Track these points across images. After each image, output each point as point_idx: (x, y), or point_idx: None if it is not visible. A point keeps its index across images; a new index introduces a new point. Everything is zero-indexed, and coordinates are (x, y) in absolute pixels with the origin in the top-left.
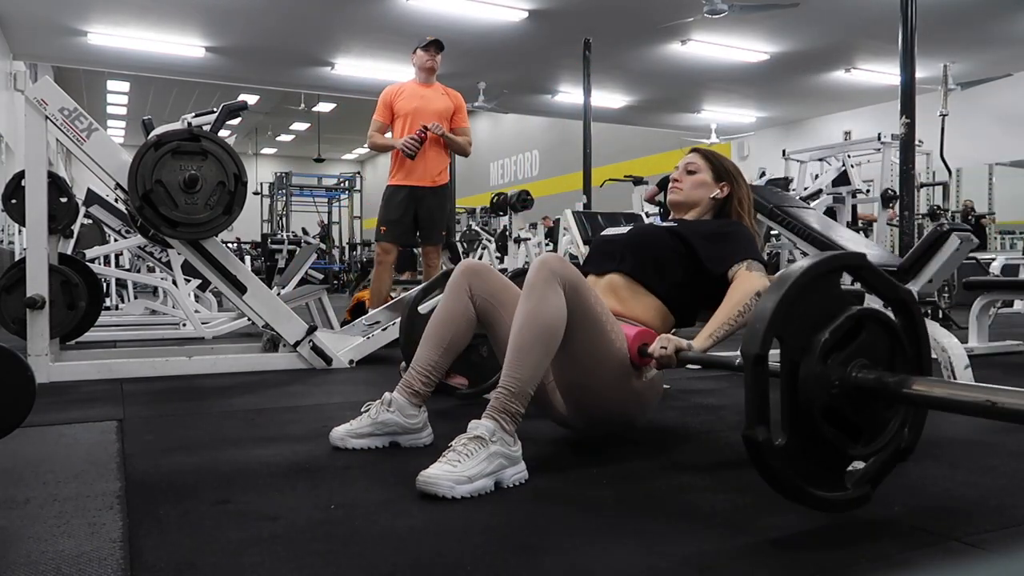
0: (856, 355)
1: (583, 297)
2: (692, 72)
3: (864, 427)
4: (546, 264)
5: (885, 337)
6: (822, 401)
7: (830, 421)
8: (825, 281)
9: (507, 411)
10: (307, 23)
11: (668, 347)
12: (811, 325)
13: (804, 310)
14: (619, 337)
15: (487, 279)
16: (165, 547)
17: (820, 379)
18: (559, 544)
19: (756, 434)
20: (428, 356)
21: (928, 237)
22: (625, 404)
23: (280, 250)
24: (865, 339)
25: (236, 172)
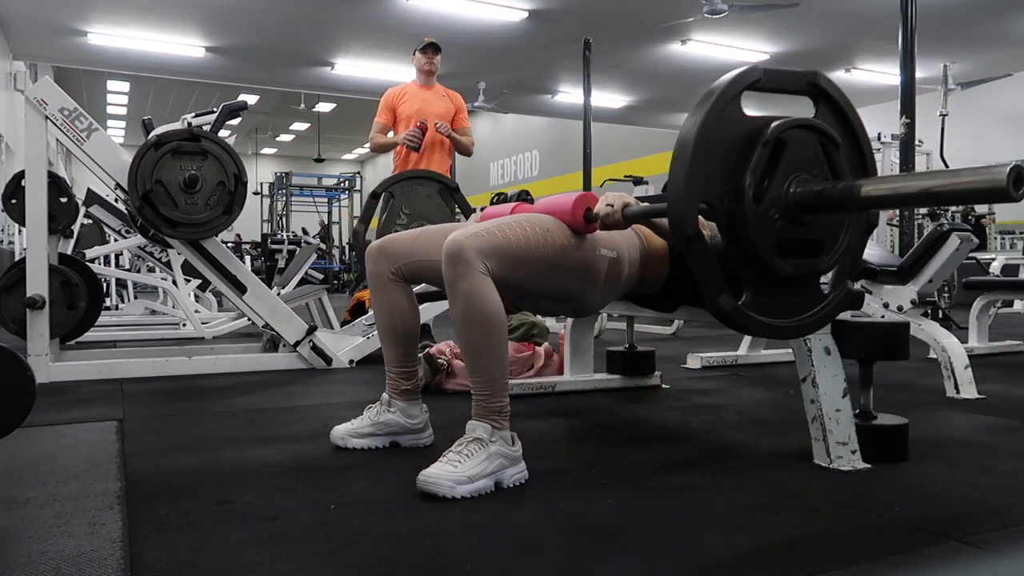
0: (789, 174)
1: (503, 252)
2: (692, 72)
3: (824, 238)
4: (456, 254)
5: (812, 139)
6: (771, 240)
7: (786, 254)
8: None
9: (493, 411)
10: (307, 23)
11: (615, 203)
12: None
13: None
14: (558, 236)
15: (394, 248)
16: (165, 547)
17: (760, 221)
18: (559, 544)
19: (722, 305)
20: (391, 354)
21: (928, 237)
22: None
23: (280, 250)
24: (792, 153)
25: (236, 172)
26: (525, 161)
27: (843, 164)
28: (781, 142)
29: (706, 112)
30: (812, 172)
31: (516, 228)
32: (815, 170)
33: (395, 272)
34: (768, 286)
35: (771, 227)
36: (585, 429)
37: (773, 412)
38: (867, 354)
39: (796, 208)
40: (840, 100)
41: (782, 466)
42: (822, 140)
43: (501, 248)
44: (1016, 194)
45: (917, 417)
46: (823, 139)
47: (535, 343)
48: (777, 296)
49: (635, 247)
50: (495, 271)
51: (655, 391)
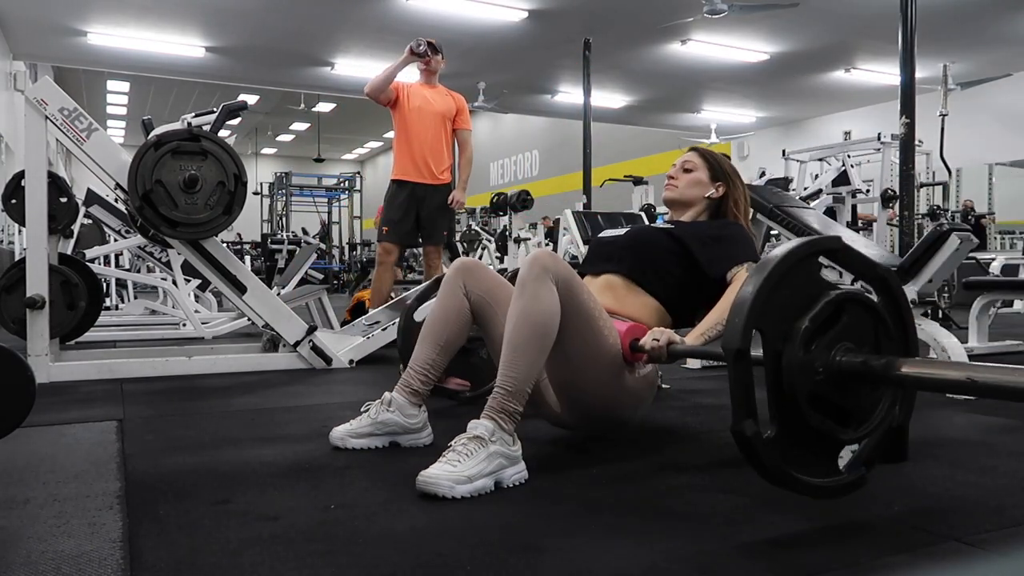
0: (839, 339)
1: (575, 293)
2: (692, 72)
3: (853, 411)
4: (538, 260)
5: (868, 318)
6: (807, 389)
7: (817, 408)
8: (802, 268)
9: (505, 410)
10: (307, 23)
11: (660, 339)
12: (790, 313)
13: (782, 299)
14: (612, 333)
15: (482, 277)
16: (165, 547)
17: (804, 367)
18: (559, 544)
19: (744, 428)
20: (426, 355)
21: (928, 237)
22: (618, 401)
23: (280, 250)
24: (847, 322)
25: (236, 172)
26: (525, 161)
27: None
28: (842, 307)
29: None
30: (861, 348)
31: (591, 293)
32: (864, 347)
33: (468, 292)
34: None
35: (812, 377)
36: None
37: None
38: None
39: (839, 373)
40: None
41: None
42: (876, 323)
43: (573, 287)
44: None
45: (917, 417)
46: (878, 322)
47: None
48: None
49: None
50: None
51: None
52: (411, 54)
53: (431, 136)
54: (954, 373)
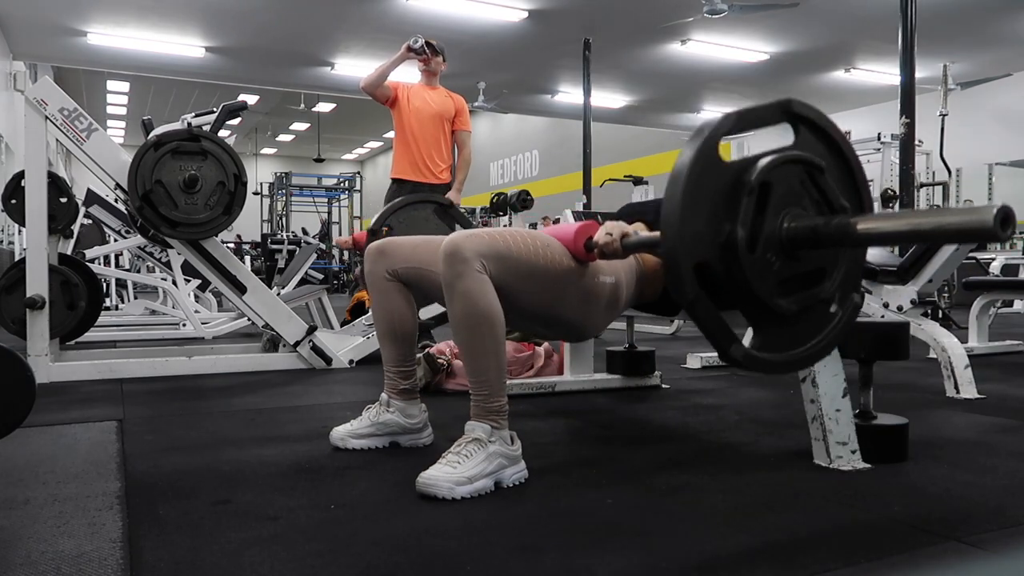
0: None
1: (503, 256)
2: (692, 72)
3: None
4: (454, 254)
5: (796, 169)
6: (770, 284)
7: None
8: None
9: (491, 411)
10: (307, 23)
11: (614, 232)
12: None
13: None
14: (559, 256)
15: (394, 251)
16: (165, 547)
17: (757, 270)
18: (559, 544)
19: (734, 355)
20: (390, 353)
21: None
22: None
23: (280, 250)
24: (779, 192)
25: (236, 172)
26: (525, 161)
27: (832, 187)
28: (766, 184)
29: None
30: (802, 202)
31: (517, 238)
32: (805, 199)
33: (392, 273)
34: (775, 324)
35: (769, 271)
36: (585, 429)
37: (773, 412)
38: (867, 354)
39: (792, 246)
40: (820, 121)
41: (782, 466)
42: (806, 168)
43: (499, 252)
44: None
45: (917, 417)
46: (807, 167)
47: (535, 343)
48: (786, 330)
49: (632, 269)
50: (492, 274)
51: (655, 391)
52: (407, 50)
53: (430, 136)
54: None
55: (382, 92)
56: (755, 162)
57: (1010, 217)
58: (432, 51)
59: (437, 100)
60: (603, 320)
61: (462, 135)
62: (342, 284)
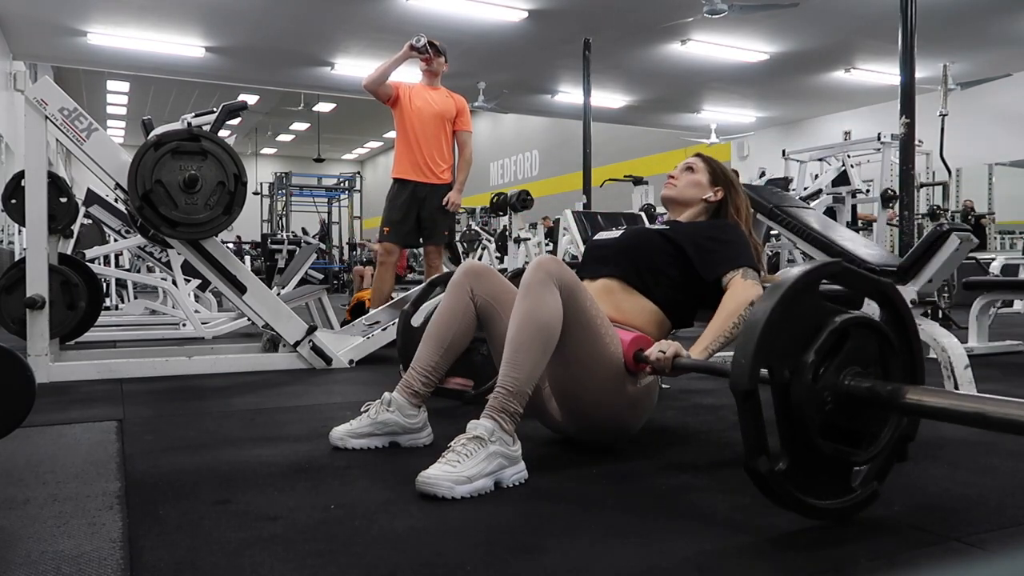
0: (846, 364)
1: (579, 300)
2: (692, 72)
3: (863, 432)
4: (542, 265)
5: (872, 339)
6: (818, 419)
7: (829, 436)
8: (804, 298)
9: (506, 411)
10: (307, 23)
11: (667, 352)
12: (796, 346)
13: (786, 333)
14: (614, 341)
15: (488, 280)
16: (165, 547)
17: (812, 398)
18: (559, 544)
19: (758, 466)
20: (428, 357)
21: (928, 237)
22: (619, 410)
23: (280, 250)
24: (852, 347)
25: (236, 172)
26: (525, 161)
27: (897, 369)
28: (846, 333)
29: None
30: (867, 369)
31: (593, 302)
32: (870, 368)
33: (475, 296)
34: (805, 462)
35: (821, 407)
36: None
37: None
38: None
39: (847, 397)
40: (903, 310)
41: None
42: (881, 343)
43: (576, 293)
44: None
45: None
46: (883, 342)
47: None
48: (810, 476)
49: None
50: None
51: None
52: (410, 49)
53: (432, 136)
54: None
55: (384, 91)
56: (845, 312)
57: None
58: (434, 51)
59: (439, 100)
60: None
61: (463, 135)
62: (342, 284)
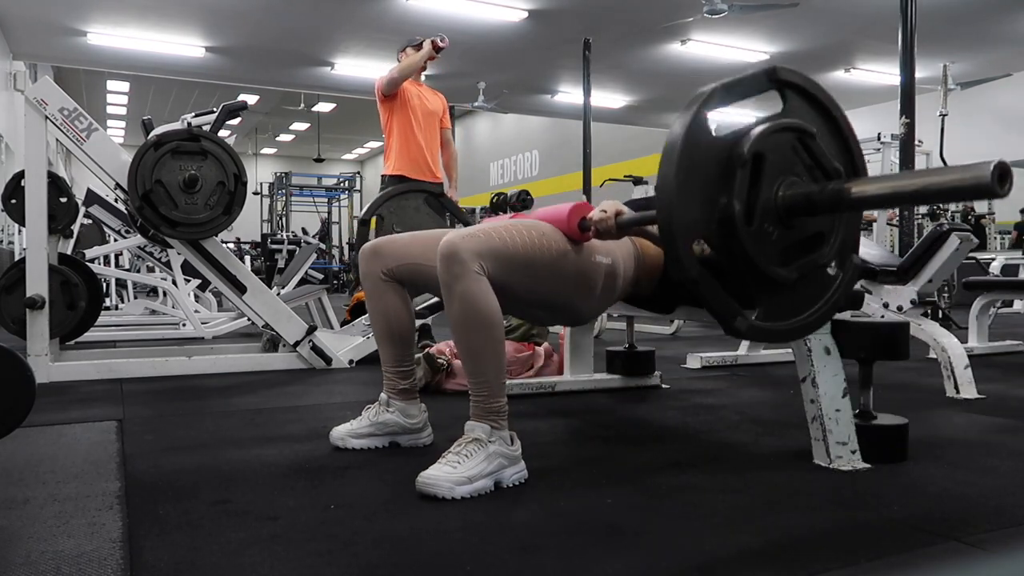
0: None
1: (499, 254)
2: (692, 72)
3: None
4: (451, 255)
5: (787, 137)
6: (770, 254)
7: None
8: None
9: (491, 411)
10: (307, 23)
11: (608, 210)
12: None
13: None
14: (554, 241)
15: (388, 250)
16: (165, 547)
17: (756, 242)
18: (559, 544)
19: (739, 327)
20: (388, 353)
21: (928, 237)
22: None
23: (280, 250)
24: (771, 161)
25: (236, 172)
26: (525, 161)
27: (825, 152)
28: (758, 155)
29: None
30: (796, 170)
31: (512, 231)
32: (798, 166)
33: (387, 273)
34: (776, 293)
35: (768, 240)
36: (585, 429)
37: (773, 412)
38: (867, 354)
39: (788, 214)
40: (807, 86)
41: (782, 466)
42: (797, 135)
43: (496, 250)
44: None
45: (917, 417)
46: (797, 134)
47: (535, 343)
48: (788, 298)
49: (630, 255)
50: (490, 273)
51: (655, 391)
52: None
53: (430, 134)
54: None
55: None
56: (746, 133)
57: (1007, 173)
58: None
59: (430, 98)
60: (600, 303)
61: (447, 133)
62: (342, 284)
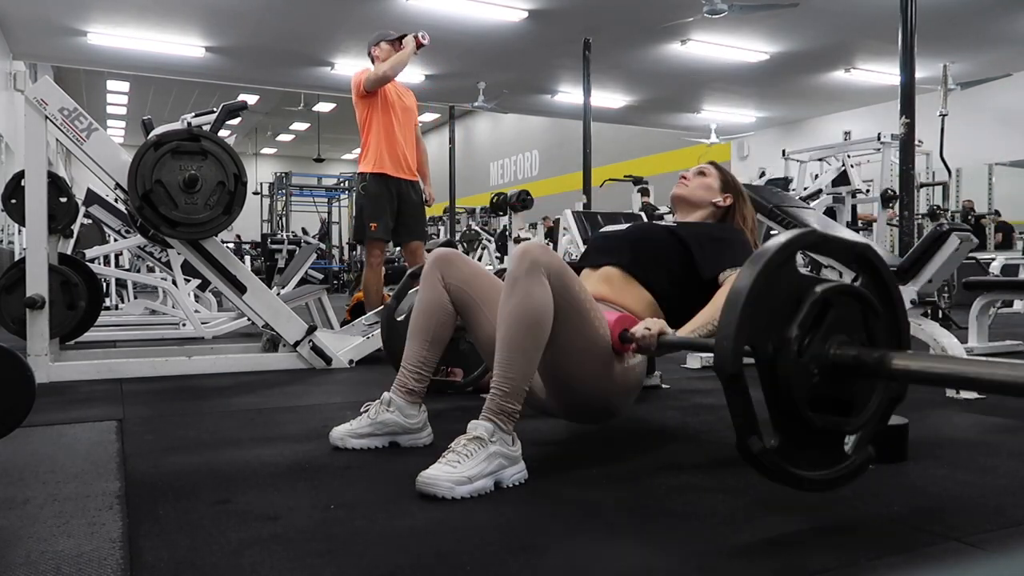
0: (830, 335)
1: (567, 285)
2: (692, 72)
3: (852, 400)
4: (528, 254)
5: (855, 306)
6: (806, 393)
7: (818, 408)
8: (782, 271)
9: (503, 411)
10: (307, 23)
11: (652, 329)
12: (778, 321)
13: (767, 308)
14: (602, 323)
15: (458, 266)
16: (165, 547)
17: (799, 373)
18: (559, 544)
19: (750, 446)
20: (416, 352)
21: (928, 237)
22: (606, 391)
23: (280, 250)
24: (836, 316)
25: (236, 172)
26: (525, 161)
27: (881, 332)
28: (828, 303)
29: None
30: (852, 336)
31: (581, 285)
32: (855, 335)
33: (447, 283)
34: (796, 437)
35: (809, 380)
36: (585, 429)
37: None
38: None
39: (834, 368)
40: (884, 273)
41: None
42: (864, 308)
43: (565, 279)
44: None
45: (917, 417)
46: (865, 307)
47: None
48: (803, 449)
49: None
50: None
51: (655, 391)
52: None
53: (408, 132)
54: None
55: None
56: (825, 282)
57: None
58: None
59: (405, 95)
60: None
61: (418, 130)
62: (342, 284)
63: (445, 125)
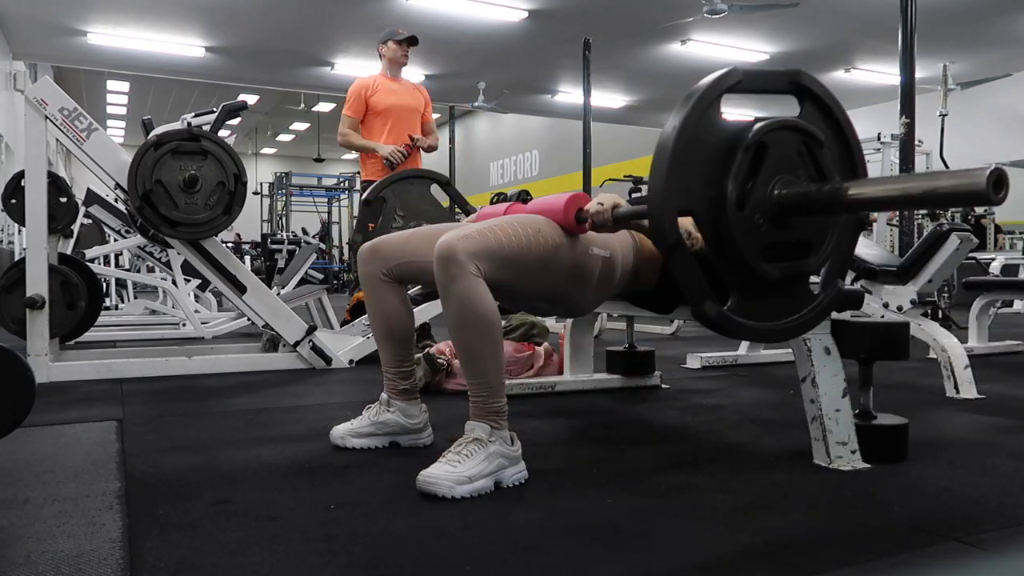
0: (771, 177)
1: (498, 254)
2: (692, 72)
3: (812, 239)
4: (445, 259)
5: (795, 139)
6: (756, 246)
7: (773, 258)
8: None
9: (491, 412)
10: (307, 23)
11: (605, 203)
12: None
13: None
14: (550, 236)
15: (385, 249)
16: (165, 547)
17: (744, 228)
18: (559, 544)
19: (706, 311)
20: (387, 355)
21: (928, 237)
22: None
23: (280, 250)
24: (775, 156)
25: (236, 172)
26: (525, 161)
27: (829, 163)
28: (763, 145)
29: (685, 116)
30: (797, 173)
31: (508, 229)
32: (800, 170)
33: (387, 273)
34: (755, 290)
35: (756, 232)
36: (585, 429)
37: (773, 412)
38: (867, 354)
39: (781, 211)
40: (825, 97)
41: (782, 466)
42: (805, 140)
43: (493, 250)
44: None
45: (917, 417)
46: (806, 138)
47: (535, 343)
48: (765, 299)
49: (628, 248)
50: (487, 273)
51: (655, 391)
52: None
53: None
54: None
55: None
56: (755, 123)
57: (1003, 179)
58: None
59: (408, 94)
60: (597, 295)
61: (430, 126)
62: (342, 284)
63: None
